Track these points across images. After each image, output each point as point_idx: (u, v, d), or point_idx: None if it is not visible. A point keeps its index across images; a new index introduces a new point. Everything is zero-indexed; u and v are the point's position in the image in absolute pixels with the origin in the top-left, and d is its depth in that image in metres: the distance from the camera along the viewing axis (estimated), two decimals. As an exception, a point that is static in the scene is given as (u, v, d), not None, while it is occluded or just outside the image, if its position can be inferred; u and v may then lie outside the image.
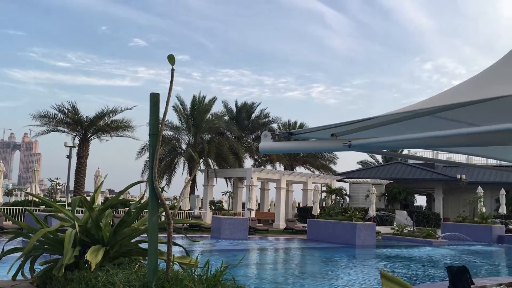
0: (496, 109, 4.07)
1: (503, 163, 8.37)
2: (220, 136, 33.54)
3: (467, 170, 35.05)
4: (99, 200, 10.28)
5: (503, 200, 29.12)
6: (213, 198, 31.71)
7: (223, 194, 34.07)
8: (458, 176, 31.83)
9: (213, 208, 26.92)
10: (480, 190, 28.76)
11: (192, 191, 31.49)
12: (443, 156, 33.49)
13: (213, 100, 34.08)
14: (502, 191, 29.33)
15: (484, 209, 27.65)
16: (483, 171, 36.12)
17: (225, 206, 34.17)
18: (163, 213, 4.03)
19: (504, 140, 3.48)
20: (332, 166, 40.79)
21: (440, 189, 37.31)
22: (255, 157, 37.72)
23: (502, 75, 3.43)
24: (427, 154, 33.79)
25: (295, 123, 39.85)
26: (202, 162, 31.94)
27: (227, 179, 36.33)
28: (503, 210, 28.91)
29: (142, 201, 5.77)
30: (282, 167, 38.54)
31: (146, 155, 31.57)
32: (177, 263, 4.44)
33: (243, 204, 32.01)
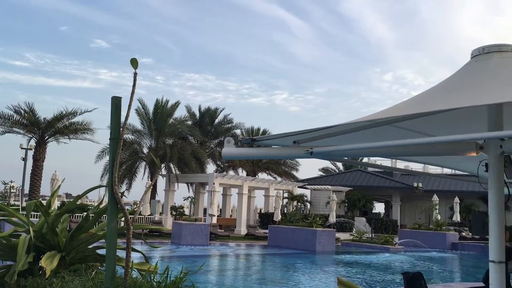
0: (451, 120, 4.23)
1: (458, 172, 8.66)
2: (182, 140, 33.26)
3: (424, 178, 36.13)
4: (56, 204, 10.00)
5: (457, 208, 30.13)
6: (174, 203, 31.35)
7: (184, 200, 33.86)
8: (415, 184, 32.77)
9: (174, 213, 26.62)
10: (435, 198, 29.68)
11: (153, 196, 31.03)
12: (401, 164, 34.43)
13: (176, 104, 33.81)
14: (456, 199, 30.37)
15: (439, 217, 28.55)
16: (439, 180, 37.32)
17: (187, 212, 33.86)
18: (123, 219, 3.96)
19: (458, 150, 3.61)
20: (294, 172, 41.20)
21: (398, 197, 38.27)
22: (218, 163, 37.60)
23: (457, 87, 3.56)
24: (386, 162, 34.62)
25: (258, 129, 40.03)
26: (164, 167, 31.55)
27: (189, 184, 36.03)
28: (457, 217, 29.91)
29: (101, 206, 5.64)
30: (244, 173, 38.58)
31: (106, 158, 30.93)
32: (135, 270, 4.36)
33: (205, 210, 31.79)
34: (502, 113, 3.53)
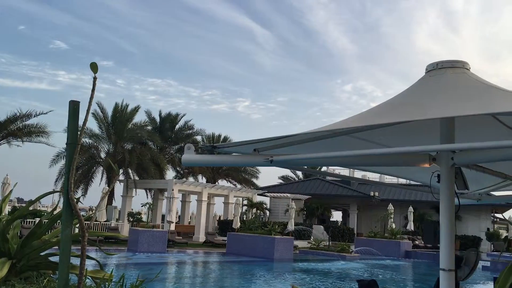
0: (406, 132, 4.37)
1: (412, 182, 8.93)
2: (142, 146, 32.73)
3: (380, 188, 36.98)
4: (6, 209, 9.61)
5: (411, 217, 31.00)
6: (132, 210, 30.74)
7: (142, 206, 33.16)
8: (372, 194, 33.53)
9: (131, 220, 26.08)
10: (390, 207, 30.44)
11: (109, 202, 30.33)
12: (358, 174, 35.11)
13: (136, 109, 33.29)
14: (410, 208, 31.25)
15: (394, 225, 29.28)
16: (394, 189, 38.32)
17: (144, 218, 33.26)
18: (78, 225, 3.86)
19: (412, 162, 3.74)
20: (254, 180, 41.30)
21: (355, 205, 39.00)
22: (178, 169, 37.21)
23: (412, 100, 3.69)
24: (344, 171, 35.25)
25: (219, 136, 39.94)
26: (122, 172, 30.93)
27: (148, 190, 35.45)
28: (410, 226, 30.76)
29: (55, 212, 5.48)
30: (204, 180, 38.36)
31: (61, 162, 30.02)
32: (90, 278, 4.26)
33: (163, 216, 31.35)
34: (454, 126, 3.68)
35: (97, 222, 24.47)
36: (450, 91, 3.64)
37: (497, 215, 39.58)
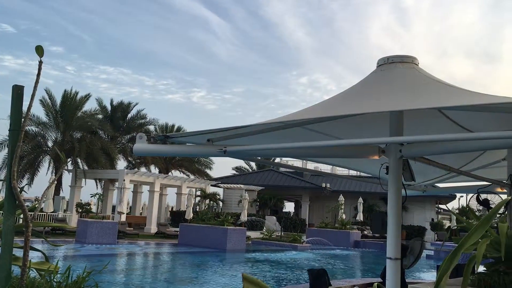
0: (357, 124, 4.46)
1: (362, 174, 9.17)
2: (92, 135, 31.81)
3: (331, 179, 37.80)
4: None
5: (360, 208, 31.89)
6: (81, 200, 29.91)
7: (92, 196, 32.40)
8: (323, 185, 34.18)
9: (80, 210, 25.37)
10: (341, 198, 31.18)
11: (57, 192, 29.36)
12: (311, 165, 35.70)
13: (87, 97, 32.30)
14: (360, 199, 32.13)
15: (344, 216, 30.02)
16: (345, 181, 39.24)
17: (94, 209, 32.46)
18: (22, 216, 3.70)
19: (363, 153, 3.82)
20: (207, 171, 41.15)
21: (307, 196, 39.67)
22: (129, 159, 36.50)
23: (363, 94, 3.77)
24: (297, 163, 35.70)
25: (173, 126, 39.45)
26: (70, 162, 29.99)
27: (98, 181, 34.58)
28: (360, 217, 31.65)
29: (-3, 201, 5.23)
30: (157, 170, 37.82)
31: (5, 151, 28.72)
32: (34, 270, 4.10)
33: (114, 207, 30.70)
34: (403, 119, 3.79)
35: (43, 213, 23.64)
36: (399, 85, 3.74)
37: (441, 206, 41.45)
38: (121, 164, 35.71)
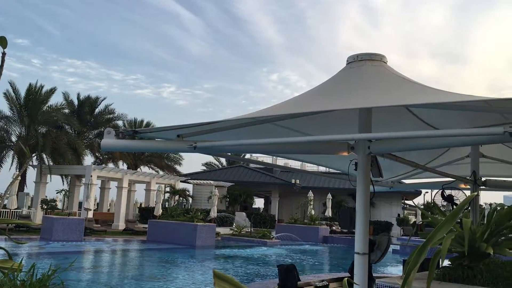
0: (327, 121, 4.51)
1: (331, 170, 9.28)
2: (58, 130, 31.04)
3: (301, 175, 38.09)
4: None
5: (329, 203, 32.26)
6: (46, 197, 29.17)
7: (57, 193, 31.62)
8: (293, 181, 34.41)
9: (45, 207, 24.76)
10: (310, 194, 31.46)
11: (21, 188, 28.55)
12: (281, 161, 35.88)
13: (52, 90, 31.46)
14: (329, 195, 32.50)
15: (313, 212, 30.32)
16: (314, 177, 39.65)
17: (60, 206, 31.75)
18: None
19: (332, 150, 3.86)
20: (177, 167, 40.82)
21: (277, 192, 39.88)
22: (97, 154, 35.82)
23: (333, 91, 3.80)
24: (267, 159, 35.85)
25: (142, 121, 38.92)
26: (35, 157, 29.21)
27: (64, 177, 33.81)
28: (329, 213, 32.02)
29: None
30: (125, 166, 37.28)
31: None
32: (-4, 268, 3.98)
33: (80, 204, 30.09)
34: (371, 116, 3.85)
35: (6, 210, 22.98)
36: (368, 82, 3.80)
37: (407, 201, 42.38)
38: (88, 159, 35.03)
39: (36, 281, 3.45)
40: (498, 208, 4.99)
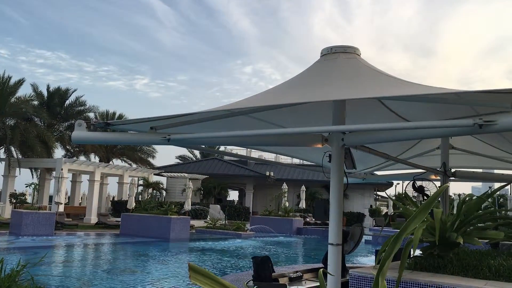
0: (301, 113, 4.52)
1: (305, 162, 9.33)
2: (27, 122, 30.27)
3: (275, 167, 38.26)
4: None
5: (303, 195, 32.53)
6: (15, 191, 28.49)
7: (27, 186, 30.97)
8: (267, 173, 34.53)
9: (14, 201, 24.18)
10: (285, 186, 31.65)
11: (-12, 182, 27.79)
12: (255, 154, 35.94)
13: (21, 81, 30.63)
14: (303, 187, 32.76)
15: (287, 204, 30.52)
16: (288, 169, 39.88)
17: (29, 200, 31.07)
18: None
19: (306, 142, 3.87)
20: (150, 159, 40.40)
21: (251, 185, 39.97)
22: (68, 147, 35.11)
23: (307, 83, 3.81)
24: (242, 151, 35.84)
25: (114, 113, 38.31)
26: (3, 150, 28.45)
27: (33, 170, 33.07)
28: (303, 204, 32.30)
29: None
30: (97, 159, 36.69)
31: None
32: (-37, 265, 3.86)
33: (51, 197, 29.50)
34: (345, 108, 3.88)
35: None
36: (342, 75, 3.82)
37: (379, 193, 43.13)
38: (59, 152, 34.35)
39: (4, 276, 3.37)
40: (467, 198, 5.12)
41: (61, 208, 25.06)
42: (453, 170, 6.61)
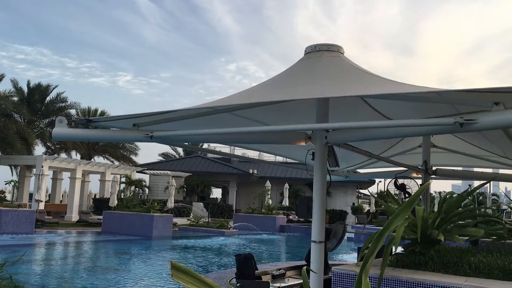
0: (285, 111, 4.52)
1: (289, 160, 9.35)
2: (6, 118, 29.75)
3: (259, 165, 38.28)
4: None
5: (286, 193, 32.63)
6: (-6, 188, 28.02)
7: (6, 184, 30.42)
8: (251, 171, 34.53)
9: (-7, 199, 23.75)
10: (268, 184, 31.70)
11: (-34, 179, 27.27)
12: (239, 151, 35.91)
13: (0, 77, 30.11)
14: (286, 185, 32.85)
15: (270, 201, 30.58)
16: (272, 167, 39.89)
17: (9, 197, 30.57)
18: None
19: (290, 140, 3.88)
20: (133, 157, 40.06)
21: (235, 182, 39.92)
22: (48, 144, 34.62)
23: (291, 81, 3.81)
24: (225, 149, 35.76)
25: (96, 110, 37.89)
26: (-18, 147, 27.92)
27: (13, 167, 32.53)
28: (286, 202, 32.39)
29: None
30: (78, 156, 36.23)
31: None
32: None
33: (31, 195, 29.05)
34: (328, 107, 3.89)
35: (-49, 202, 21.87)
36: (326, 73, 3.83)
37: (361, 191, 43.47)
38: (39, 149, 33.86)
39: (-18, 276, 3.30)
40: (448, 196, 5.19)
41: (42, 206, 24.71)
42: (434, 168, 6.69)
